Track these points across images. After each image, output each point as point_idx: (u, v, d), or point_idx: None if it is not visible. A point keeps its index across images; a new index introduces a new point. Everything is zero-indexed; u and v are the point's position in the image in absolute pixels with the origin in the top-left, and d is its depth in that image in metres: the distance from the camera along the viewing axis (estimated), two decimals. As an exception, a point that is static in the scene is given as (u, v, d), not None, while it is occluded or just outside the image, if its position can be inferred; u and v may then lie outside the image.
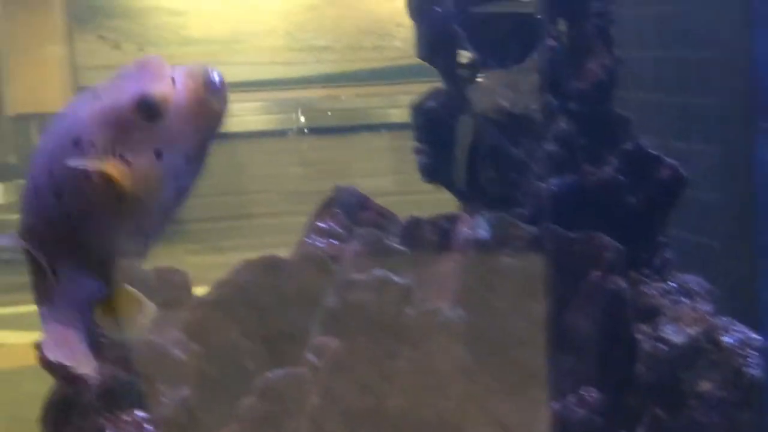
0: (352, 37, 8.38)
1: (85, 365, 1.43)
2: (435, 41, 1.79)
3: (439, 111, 1.81)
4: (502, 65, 1.76)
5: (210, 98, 1.23)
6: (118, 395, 1.62)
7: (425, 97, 1.89)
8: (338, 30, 8.28)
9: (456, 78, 1.79)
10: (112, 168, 1.20)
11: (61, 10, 7.99)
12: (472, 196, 1.72)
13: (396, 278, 1.31)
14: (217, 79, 1.22)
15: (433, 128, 1.82)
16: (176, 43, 7.68)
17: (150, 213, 1.23)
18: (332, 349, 1.24)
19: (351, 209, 1.60)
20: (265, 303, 1.39)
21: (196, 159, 1.24)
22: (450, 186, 1.79)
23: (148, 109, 1.21)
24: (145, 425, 1.58)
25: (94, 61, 7.52)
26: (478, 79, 1.76)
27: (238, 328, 1.40)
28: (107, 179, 1.18)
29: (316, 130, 7.33)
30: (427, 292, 1.40)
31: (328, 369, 1.25)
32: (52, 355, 1.41)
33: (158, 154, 1.22)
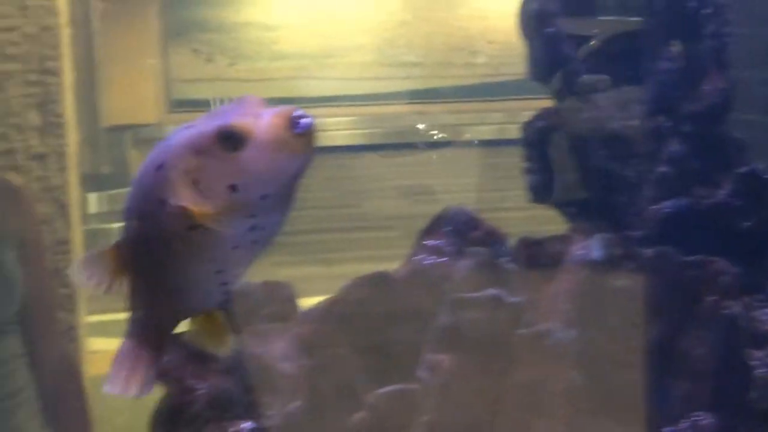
0: (443, 53, 8.39)
1: (141, 391, 1.39)
2: (547, 61, 1.79)
3: (549, 130, 1.81)
4: (615, 85, 1.75)
5: (292, 140, 1.22)
6: (225, 406, 1.64)
7: (536, 116, 1.88)
8: (428, 46, 8.29)
9: (567, 98, 1.79)
10: (186, 195, 1.20)
11: (157, 23, 8.08)
12: (582, 216, 1.71)
13: (508, 297, 1.30)
14: (303, 122, 1.21)
15: (543, 148, 1.81)
16: (268, 58, 7.76)
17: (221, 247, 1.21)
18: (445, 366, 1.24)
19: (461, 228, 1.60)
20: (376, 319, 1.39)
21: (274, 200, 1.22)
22: (559, 206, 1.78)
23: (226, 139, 1.20)
24: (253, 436, 1.60)
25: (187, 75, 7.62)
26: (591, 100, 1.75)
27: (348, 343, 1.40)
28: (179, 207, 1.18)
29: (406, 146, 7.34)
30: (538, 312, 1.39)
31: (440, 386, 1.24)
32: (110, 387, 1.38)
33: (233, 188, 1.21)
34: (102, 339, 5.54)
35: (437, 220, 1.63)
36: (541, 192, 1.79)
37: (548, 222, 1.89)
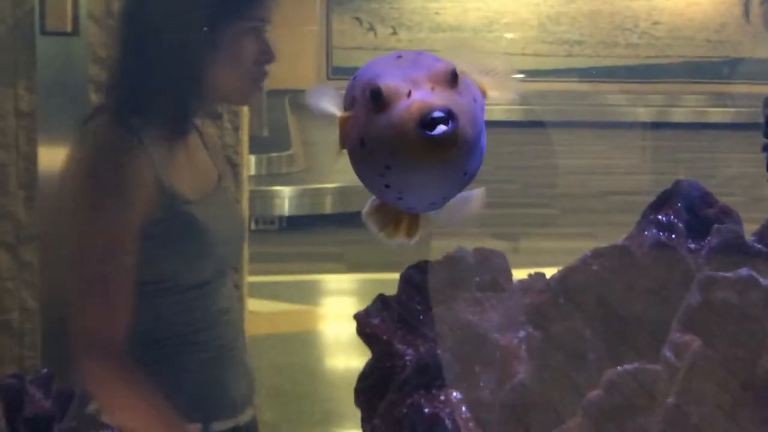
0: (606, 32, 8.23)
1: None
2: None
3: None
4: None
5: (416, 139, 1.18)
6: (434, 373, 1.60)
7: (780, 93, 1.78)
8: (592, 25, 8.16)
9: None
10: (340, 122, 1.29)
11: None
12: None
13: (762, 280, 1.22)
14: (439, 131, 1.19)
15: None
16: (428, 29, 7.75)
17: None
18: (693, 348, 1.16)
19: (694, 204, 1.52)
20: (614, 294, 1.33)
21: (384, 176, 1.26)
22: (801, 187, 1.69)
23: (372, 96, 1.21)
24: (463, 407, 1.55)
25: (347, 43, 7.66)
26: None
27: (582, 317, 1.34)
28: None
29: (564, 124, 7.25)
30: (789, 297, 1.30)
31: (686, 369, 1.17)
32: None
33: (361, 142, 1.25)
34: (257, 300, 5.64)
35: (668, 195, 1.55)
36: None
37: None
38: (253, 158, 8.40)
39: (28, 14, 4.06)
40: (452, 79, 1.22)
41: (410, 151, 1.17)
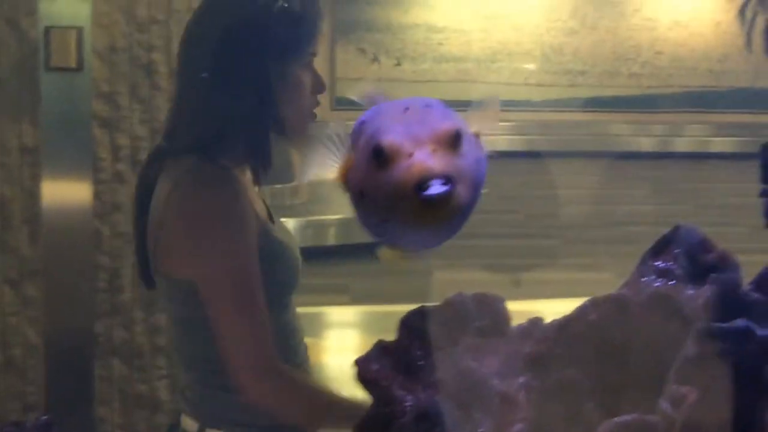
0: (609, 63, 8.26)
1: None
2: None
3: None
4: None
5: (412, 201, 1.19)
6: (434, 420, 1.60)
7: (779, 137, 1.79)
8: (595, 55, 8.19)
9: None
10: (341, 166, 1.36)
11: (327, 21, 8.14)
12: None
13: (759, 330, 1.22)
14: (432, 190, 1.21)
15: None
16: (432, 59, 7.78)
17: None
18: (690, 400, 1.17)
19: (692, 250, 1.53)
20: (611, 344, 1.33)
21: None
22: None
23: (375, 152, 1.24)
24: (461, 454, 1.55)
25: (352, 73, 7.69)
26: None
27: (580, 366, 1.34)
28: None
29: (567, 154, 7.25)
30: (787, 347, 1.31)
31: (683, 420, 1.17)
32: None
33: (361, 195, 1.30)
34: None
35: (666, 240, 1.56)
36: (779, 218, 1.71)
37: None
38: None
39: (33, 50, 4.09)
40: (455, 140, 1.24)
41: (407, 211, 1.20)
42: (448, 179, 1.18)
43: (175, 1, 3.96)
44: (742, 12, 8.86)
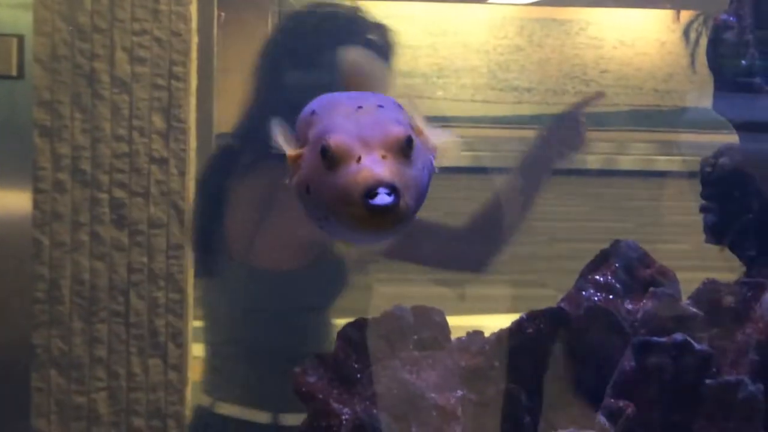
0: (555, 80, 8.29)
1: None
2: (735, 95, 1.69)
3: (732, 168, 1.72)
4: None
5: (359, 208, 1.18)
6: (370, 433, 1.58)
7: (718, 152, 1.79)
8: (541, 72, 8.21)
9: (754, 135, 1.70)
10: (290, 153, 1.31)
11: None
12: (763, 261, 1.62)
13: (696, 345, 1.22)
14: (377, 201, 1.18)
15: (724, 186, 1.72)
16: (381, 75, 7.73)
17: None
18: (627, 414, 1.16)
19: (631, 265, 1.52)
20: (549, 357, 1.32)
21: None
22: (737, 248, 1.69)
23: (323, 152, 1.21)
24: (399, 468, 1.54)
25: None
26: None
27: (517, 379, 1.33)
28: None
29: (510, 170, 7.26)
30: (723, 362, 1.31)
31: (620, 434, 1.16)
32: None
33: (307, 189, 1.25)
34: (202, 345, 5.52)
35: (606, 254, 1.55)
36: (719, 233, 1.71)
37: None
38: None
39: (-27, 57, 4.02)
40: (405, 148, 1.20)
41: (350, 216, 1.17)
42: (395, 189, 1.15)
43: (117, 11, 3.92)
44: (686, 32, 8.95)
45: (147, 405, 4.05)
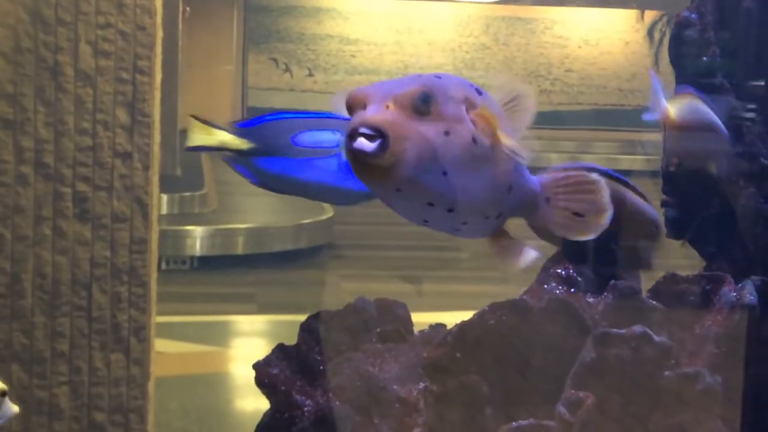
0: (520, 79, 8.32)
1: None
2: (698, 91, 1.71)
3: (693, 165, 1.74)
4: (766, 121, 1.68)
5: (351, 147, 1.17)
6: (333, 425, 1.58)
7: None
8: (507, 71, 8.24)
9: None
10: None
11: (239, 31, 8.09)
12: (721, 257, 1.64)
13: (656, 336, 1.23)
14: (355, 144, 1.16)
15: (685, 182, 1.74)
16: (345, 71, 7.76)
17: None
18: (587, 405, 1.17)
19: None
20: (510, 349, 1.33)
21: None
22: (698, 244, 1.71)
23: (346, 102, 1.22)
24: (358, 459, 1.54)
25: (263, 83, 7.62)
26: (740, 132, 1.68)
27: (479, 371, 1.34)
28: None
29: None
30: (682, 353, 1.32)
31: (580, 425, 1.17)
32: None
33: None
34: (167, 341, 5.53)
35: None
36: (679, 228, 1.72)
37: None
38: (165, 197, 8.35)
39: (-65, 49, 3.99)
40: (418, 103, 1.18)
41: (349, 161, 1.16)
42: (380, 134, 1.14)
43: (82, 3, 3.90)
44: (650, 32, 8.99)
45: (109, 400, 4.03)
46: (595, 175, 1.33)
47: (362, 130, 1.15)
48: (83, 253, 3.97)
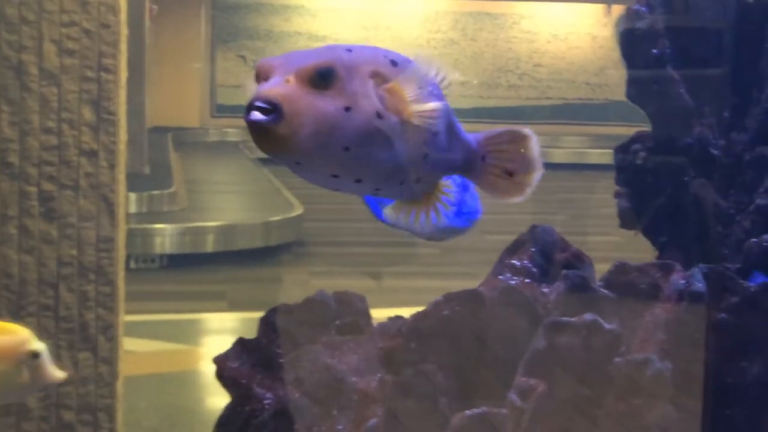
0: (489, 74, 8.35)
1: None
2: (647, 84, 1.73)
3: (644, 155, 1.76)
4: (718, 112, 1.70)
5: (246, 119, 1.18)
6: (292, 417, 1.60)
7: (630, 139, 1.83)
8: (475, 66, 8.27)
9: (666, 123, 1.74)
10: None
11: (207, 28, 8.06)
12: (673, 246, 1.66)
13: (606, 324, 1.25)
14: (249, 116, 1.17)
15: (636, 172, 1.76)
16: (314, 68, 7.78)
17: None
18: (537, 391, 1.19)
19: (547, 249, 1.55)
20: (464, 338, 1.34)
21: None
22: (650, 234, 1.73)
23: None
24: (319, 451, 1.56)
25: (232, 81, 7.62)
26: (689, 125, 1.70)
27: (434, 361, 1.35)
28: None
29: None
30: (633, 341, 1.34)
31: (531, 412, 1.19)
32: None
33: None
34: (136, 340, 5.52)
35: (523, 239, 1.58)
36: (631, 218, 1.75)
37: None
38: (133, 196, 8.34)
39: None
40: (316, 78, 1.19)
41: (249, 133, 1.18)
42: (277, 109, 1.15)
43: (45, 2, 3.89)
44: (617, 26, 9.04)
45: (77, 399, 4.03)
46: (527, 129, 1.32)
47: (258, 103, 1.16)
48: (49, 252, 3.96)
